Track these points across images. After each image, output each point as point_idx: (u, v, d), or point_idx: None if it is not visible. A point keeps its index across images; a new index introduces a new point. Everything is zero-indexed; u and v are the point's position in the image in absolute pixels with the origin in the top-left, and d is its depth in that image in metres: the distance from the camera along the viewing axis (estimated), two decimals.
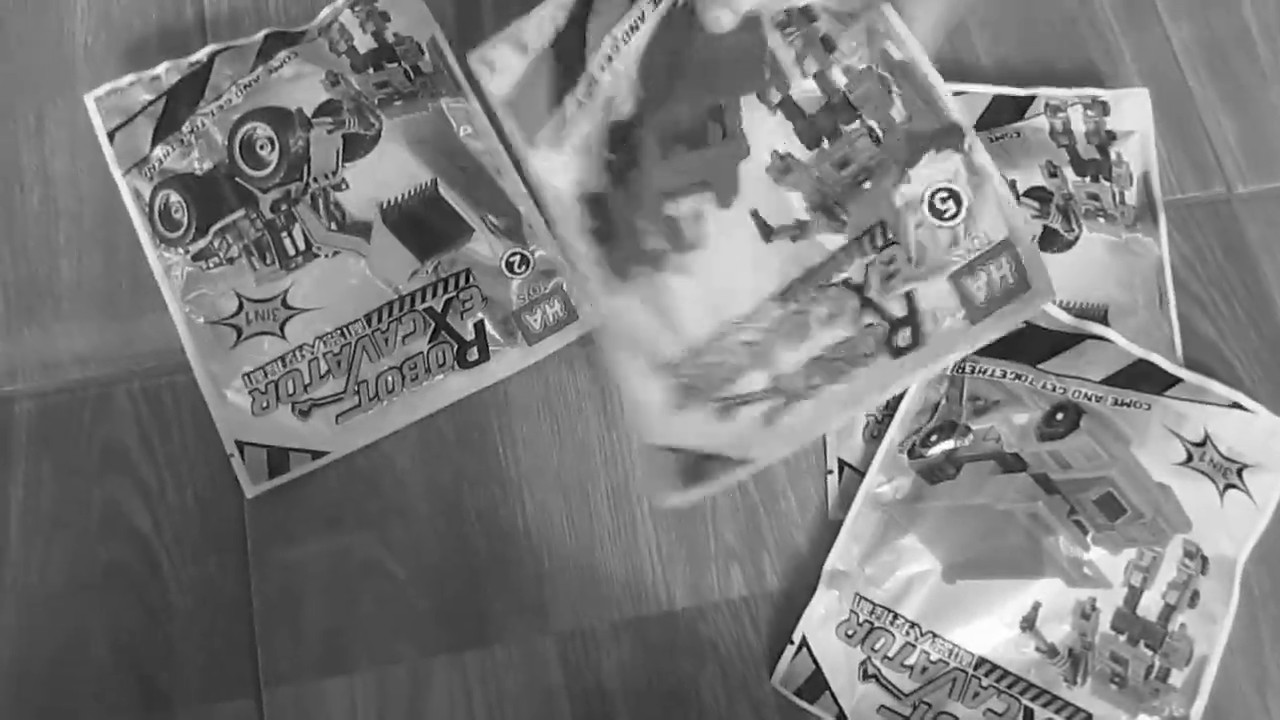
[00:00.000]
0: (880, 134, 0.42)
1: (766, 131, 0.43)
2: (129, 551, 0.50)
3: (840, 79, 0.43)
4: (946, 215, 0.42)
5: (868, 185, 0.42)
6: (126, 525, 0.50)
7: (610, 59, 0.44)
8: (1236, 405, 0.52)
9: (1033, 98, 0.57)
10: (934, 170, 0.42)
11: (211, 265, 0.53)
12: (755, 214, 0.43)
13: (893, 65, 0.42)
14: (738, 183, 0.43)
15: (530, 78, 0.46)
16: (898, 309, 0.42)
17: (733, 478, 0.43)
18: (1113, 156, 0.57)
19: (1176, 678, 0.49)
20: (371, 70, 0.55)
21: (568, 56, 0.45)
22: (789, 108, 0.43)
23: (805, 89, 0.43)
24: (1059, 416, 0.50)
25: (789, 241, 0.43)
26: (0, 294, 0.54)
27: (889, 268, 0.42)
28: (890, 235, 0.42)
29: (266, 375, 0.52)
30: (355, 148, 0.53)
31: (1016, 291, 0.41)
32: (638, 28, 0.44)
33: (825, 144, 0.43)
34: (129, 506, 0.50)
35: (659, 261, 0.43)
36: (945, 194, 0.42)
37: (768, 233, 0.43)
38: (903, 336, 0.42)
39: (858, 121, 0.43)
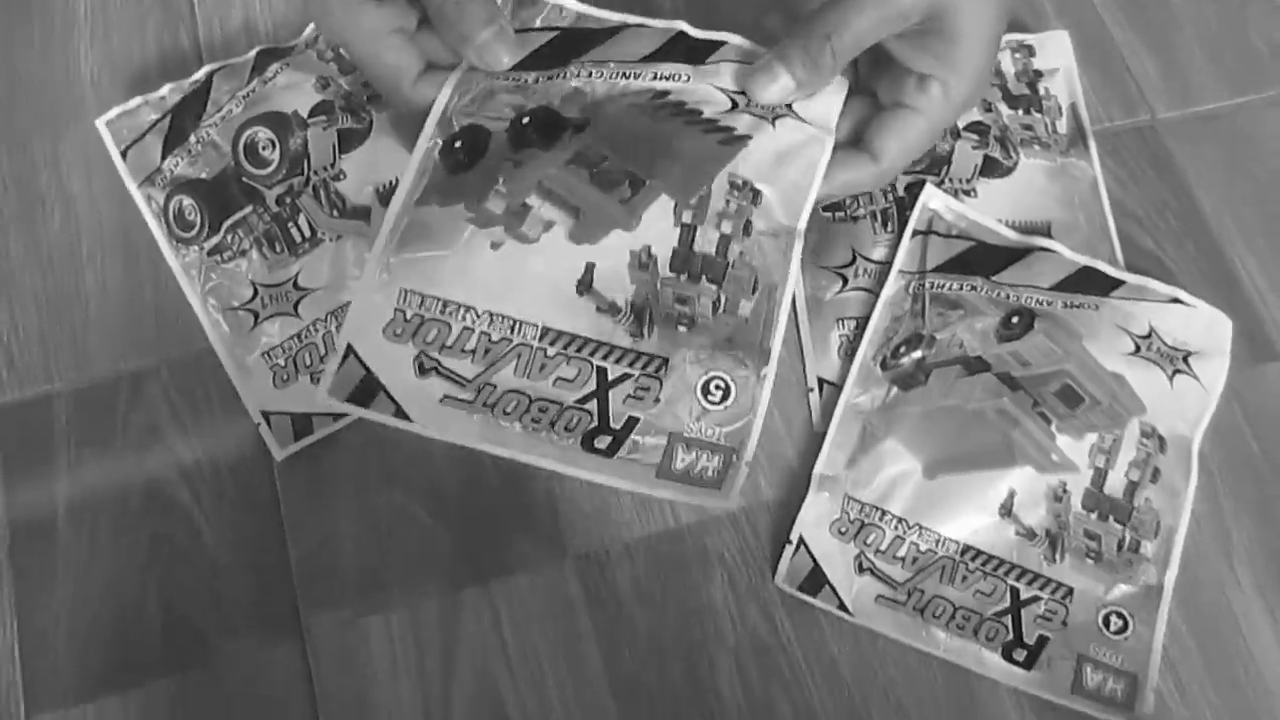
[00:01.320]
0: (720, 308, 0.46)
1: (656, 229, 0.45)
2: (171, 523, 0.54)
3: (734, 254, 0.46)
4: (710, 399, 0.46)
5: (682, 330, 0.45)
6: (167, 499, 0.54)
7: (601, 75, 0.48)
8: (1176, 300, 0.56)
9: None
10: (729, 363, 0.45)
11: (226, 258, 0.57)
12: (590, 267, 0.45)
13: (769, 280, 0.46)
14: (601, 238, 0.45)
15: None
16: (617, 420, 0.45)
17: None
18: (1041, 91, 0.62)
19: (1147, 548, 0.53)
20: (358, 72, 0.60)
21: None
22: (686, 233, 0.46)
23: (709, 236, 0.46)
24: (1015, 320, 0.55)
25: (594, 308, 0.45)
26: (33, 305, 0.58)
27: (639, 391, 0.45)
28: (661, 374, 0.45)
29: (284, 351, 0.56)
30: (350, 141, 0.58)
31: (707, 485, 0.45)
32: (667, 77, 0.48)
33: (683, 278, 0.46)
34: (168, 482, 0.54)
35: (482, 217, 0.45)
36: (720, 385, 0.46)
37: (585, 287, 0.45)
38: (601, 440, 0.45)
39: (716, 289, 0.46)
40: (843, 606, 0.52)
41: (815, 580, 0.52)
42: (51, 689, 0.51)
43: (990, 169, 0.59)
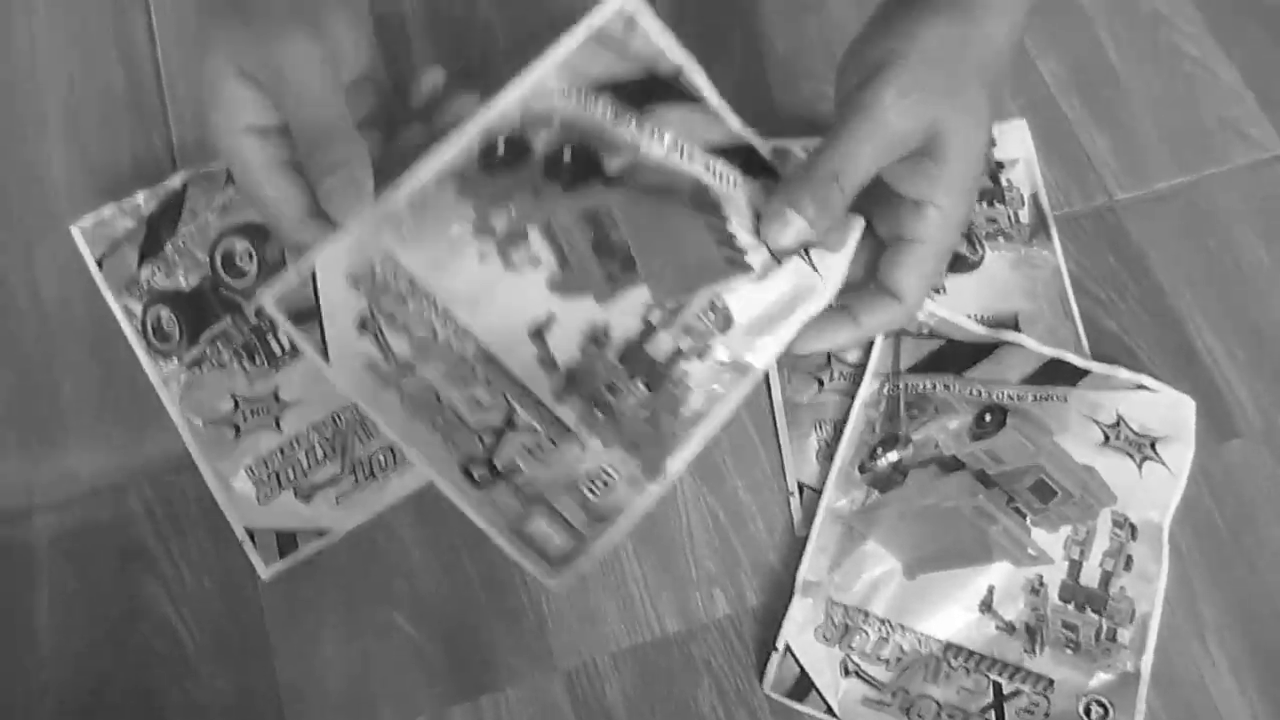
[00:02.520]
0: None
1: (621, 311, 0.45)
2: (156, 639, 0.54)
3: (678, 373, 0.45)
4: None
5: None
6: (152, 615, 0.54)
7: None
8: (1141, 386, 0.58)
9: None
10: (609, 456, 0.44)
11: (205, 370, 0.57)
12: (552, 318, 0.44)
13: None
14: (573, 297, 0.44)
15: None
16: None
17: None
18: (1004, 183, 0.64)
19: (1124, 635, 0.55)
20: None
21: None
22: (648, 330, 0.45)
23: (663, 343, 0.45)
24: (987, 418, 0.56)
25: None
26: (8, 416, 0.58)
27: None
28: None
29: (267, 466, 0.56)
30: None
31: (566, 558, 0.43)
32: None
33: (621, 369, 0.45)
34: (152, 598, 0.54)
35: (481, 223, 0.45)
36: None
37: (538, 337, 0.45)
38: (480, 474, 0.44)
39: (644, 386, 0.44)
40: (830, 711, 0.53)
41: (802, 686, 0.53)
42: None
43: (958, 264, 0.60)
